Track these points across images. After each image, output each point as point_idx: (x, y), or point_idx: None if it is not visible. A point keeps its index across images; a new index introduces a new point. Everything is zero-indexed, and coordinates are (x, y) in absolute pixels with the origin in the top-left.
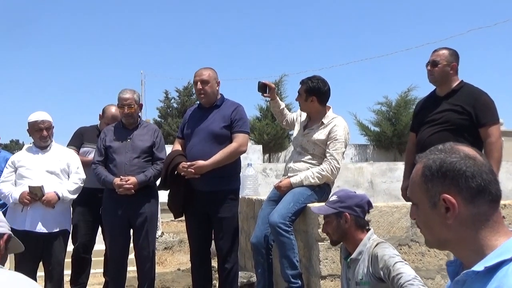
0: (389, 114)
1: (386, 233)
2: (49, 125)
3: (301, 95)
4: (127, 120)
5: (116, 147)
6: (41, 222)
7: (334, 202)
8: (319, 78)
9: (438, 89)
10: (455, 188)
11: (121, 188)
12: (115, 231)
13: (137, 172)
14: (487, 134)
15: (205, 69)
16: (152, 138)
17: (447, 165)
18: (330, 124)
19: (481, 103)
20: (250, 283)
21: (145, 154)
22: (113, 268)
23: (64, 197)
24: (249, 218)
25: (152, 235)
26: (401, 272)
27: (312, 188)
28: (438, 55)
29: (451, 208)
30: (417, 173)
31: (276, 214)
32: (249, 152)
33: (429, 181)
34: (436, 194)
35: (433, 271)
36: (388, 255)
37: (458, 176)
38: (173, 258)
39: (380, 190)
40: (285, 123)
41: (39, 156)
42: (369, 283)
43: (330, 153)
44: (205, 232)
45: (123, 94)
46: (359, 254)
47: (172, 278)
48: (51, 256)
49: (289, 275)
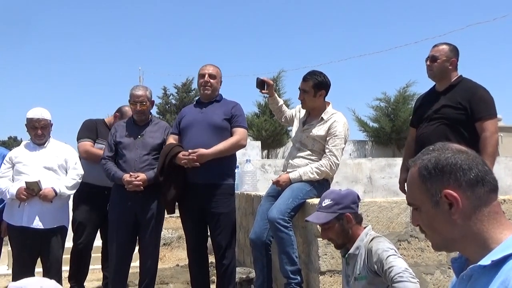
0: (387, 110)
1: (385, 228)
2: (45, 124)
3: (308, 92)
4: (139, 117)
5: (126, 143)
6: (38, 218)
7: (331, 206)
8: (320, 72)
9: (437, 84)
10: (455, 183)
11: (130, 185)
12: (121, 226)
13: (146, 169)
14: (483, 128)
15: (213, 65)
16: (162, 135)
17: (443, 161)
18: (329, 120)
19: (477, 98)
20: (249, 279)
21: (155, 151)
22: (117, 264)
23: (62, 193)
24: (248, 214)
25: (158, 232)
26: (393, 265)
27: (311, 184)
28: (438, 50)
29: (454, 203)
30: (414, 176)
31: (275, 210)
32: (247, 148)
33: (428, 180)
34: (436, 192)
35: (432, 266)
36: (381, 249)
37: (455, 169)
38: (172, 254)
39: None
40: (284, 119)
41: (36, 152)
42: (366, 277)
43: (330, 149)
44: (202, 227)
45: (136, 91)
46: (356, 249)
47: (171, 274)
48: (49, 252)
49: (288, 271)
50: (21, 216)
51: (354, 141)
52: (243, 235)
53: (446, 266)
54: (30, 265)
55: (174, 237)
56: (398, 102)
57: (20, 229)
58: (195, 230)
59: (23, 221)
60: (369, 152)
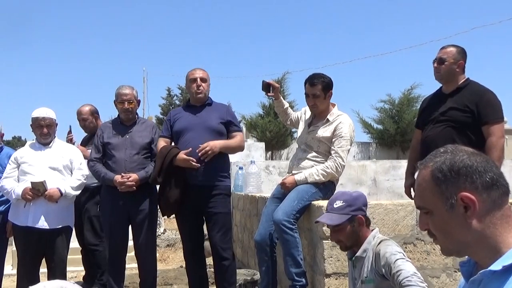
0: (392, 112)
1: (391, 231)
2: (50, 122)
3: (319, 96)
4: (126, 115)
5: (115, 144)
6: (43, 218)
7: (343, 208)
8: (322, 73)
9: (444, 86)
10: (471, 185)
11: (123, 186)
12: (114, 228)
13: (137, 169)
14: (489, 132)
15: (201, 69)
16: (150, 134)
17: (459, 163)
18: (335, 121)
19: (484, 101)
20: (254, 281)
21: (144, 150)
22: (112, 265)
23: (67, 193)
24: (252, 215)
25: (153, 231)
26: (401, 269)
27: (316, 186)
28: (446, 53)
29: (471, 206)
30: (426, 179)
31: (280, 211)
32: (251, 149)
33: (443, 182)
34: (452, 195)
35: (438, 269)
36: (389, 252)
37: (472, 172)
38: (176, 255)
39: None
40: (289, 122)
41: (41, 152)
42: (373, 280)
43: (335, 150)
44: (199, 229)
45: (122, 90)
46: (363, 252)
47: (175, 275)
48: (54, 252)
49: (293, 273)
50: (27, 216)
51: (358, 142)
52: (248, 236)
53: (452, 270)
54: (35, 265)
55: (178, 238)
56: (402, 104)
57: (25, 229)
58: (193, 232)
59: (28, 221)
60: (373, 154)
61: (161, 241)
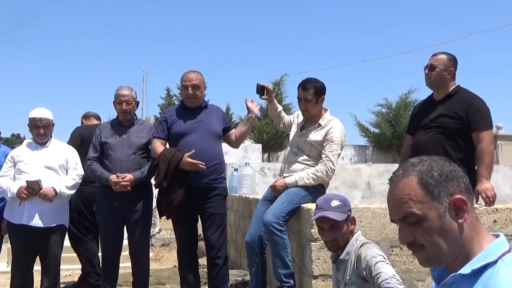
0: (389, 116)
1: (378, 234)
2: (47, 123)
3: (310, 100)
4: (125, 116)
5: (112, 143)
6: (38, 216)
7: (341, 207)
8: (315, 78)
9: (435, 93)
10: (458, 189)
11: (117, 185)
12: (109, 227)
13: (133, 169)
14: (479, 138)
15: (193, 73)
16: (148, 135)
17: (445, 167)
18: (327, 126)
19: (474, 108)
20: (245, 282)
21: (141, 150)
22: (107, 265)
23: (62, 192)
24: (245, 216)
25: (147, 231)
26: (381, 272)
27: (306, 189)
28: (436, 60)
29: (464, 208)
30: (414, 187)
31: (270, 213)
32: (248, 150)
33: (435, 188)
34: (444, 199)
35: (423, 273)
36: (370, 255)
37: (458, 176)
38: (170, 255)
39: (377, 192)
40: (282, 125)
41: (38, 152)
42: (356, 283)
43: (326, 155)
44: (194, 230)
45: (121, 91)
46: (346, 254)
47: (168, 275)
48: (48, 250)
49: (281, 274)
50: (21, 215)
51: (355, 146)
52: (241, 237)
53: None
54: (29, 263)
55: (173, 238)
56: (399, 108)
57: (19, 227)
58: (188, 232)
59: (23, 219)
60: (369, 157)
61: (156, 240)
